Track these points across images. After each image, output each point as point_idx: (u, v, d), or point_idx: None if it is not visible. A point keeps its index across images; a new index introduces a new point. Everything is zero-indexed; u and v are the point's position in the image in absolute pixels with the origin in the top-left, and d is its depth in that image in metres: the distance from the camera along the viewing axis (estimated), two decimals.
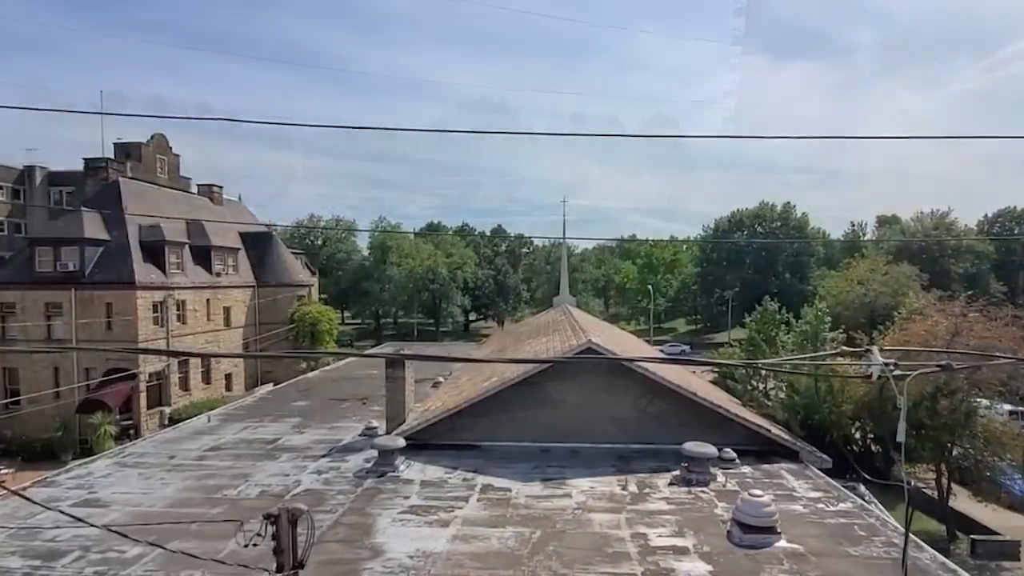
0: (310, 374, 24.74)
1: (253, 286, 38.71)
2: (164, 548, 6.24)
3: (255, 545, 4.48)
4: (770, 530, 7.79)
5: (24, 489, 10.86)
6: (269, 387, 22.89)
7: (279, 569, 4.62)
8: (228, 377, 35.85)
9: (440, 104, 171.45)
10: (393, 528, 8.45)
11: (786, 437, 11.99)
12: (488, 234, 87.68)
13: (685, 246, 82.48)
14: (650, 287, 73.19)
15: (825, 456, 11.49)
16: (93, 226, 29.56)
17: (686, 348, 63.92)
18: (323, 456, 11.98)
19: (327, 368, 26.13)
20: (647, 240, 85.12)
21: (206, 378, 33.82)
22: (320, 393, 19.11)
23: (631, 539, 8.10)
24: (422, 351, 29.70)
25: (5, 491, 10.73)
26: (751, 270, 72.18)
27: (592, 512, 9.02)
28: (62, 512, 7.39)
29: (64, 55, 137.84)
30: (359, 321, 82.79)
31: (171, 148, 45.18)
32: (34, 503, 8.11)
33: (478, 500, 9.51)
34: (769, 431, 11.88)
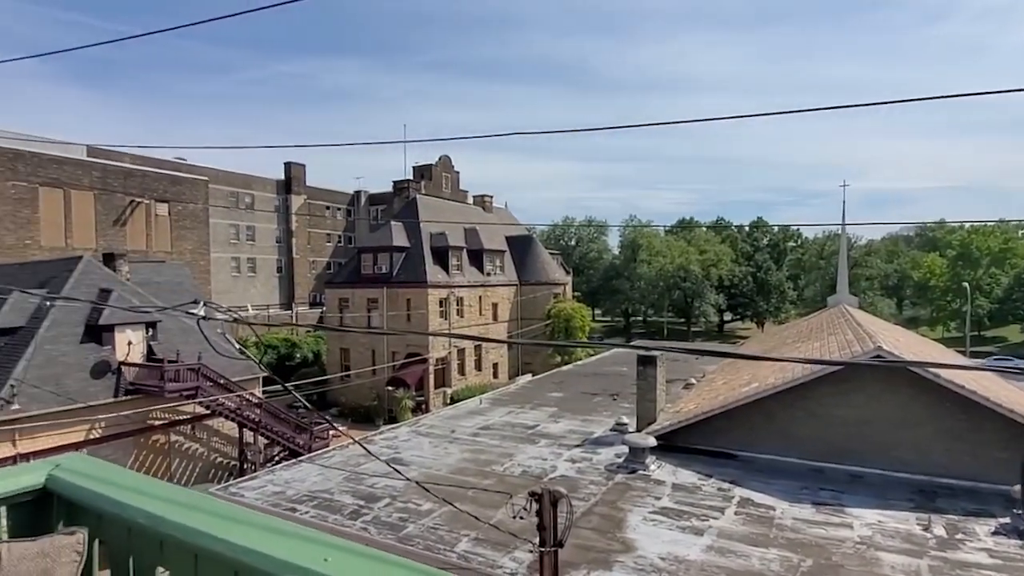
0: (564, 367, 26.18)
1: (516, 284, 42.67)
2: (454, 506, 7.25)
3: (521, 518, 4.93)
4: None
5: (350, 445, 13.89)
6: (528, 377, 24.93)
7: (542, 544, 4.98)
8: (495, 366, 40.24)
9: (706, 94, 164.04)
10: (644, 527, 8.42)
11: None
12: (747, 228, 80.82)
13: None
14: (966, 284, 58.20)
15: None
16: (399, 236, 36.18)
17: (1021, 363, 49.22)
18: (576, 446, 12.56)
19: (579, 363, 27.31)
20: (963, 225, 67.83)
21: (478, 366, 38.52)
22: (573, 386, 20.06)
23: None
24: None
25: (342, 444, 13.83)
26: None
27: (881, 551, 7.63)
28: (388, 464, 9.11)
29: (373, 99, 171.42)
30: (609, 319, 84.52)
31: (453, 166, 52.68)
32: (372, 455, 10.15)
33: (735, 513, 8.86)
34: None
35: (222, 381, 21.23)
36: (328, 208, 61.91)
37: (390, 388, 32.64)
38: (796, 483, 9.95)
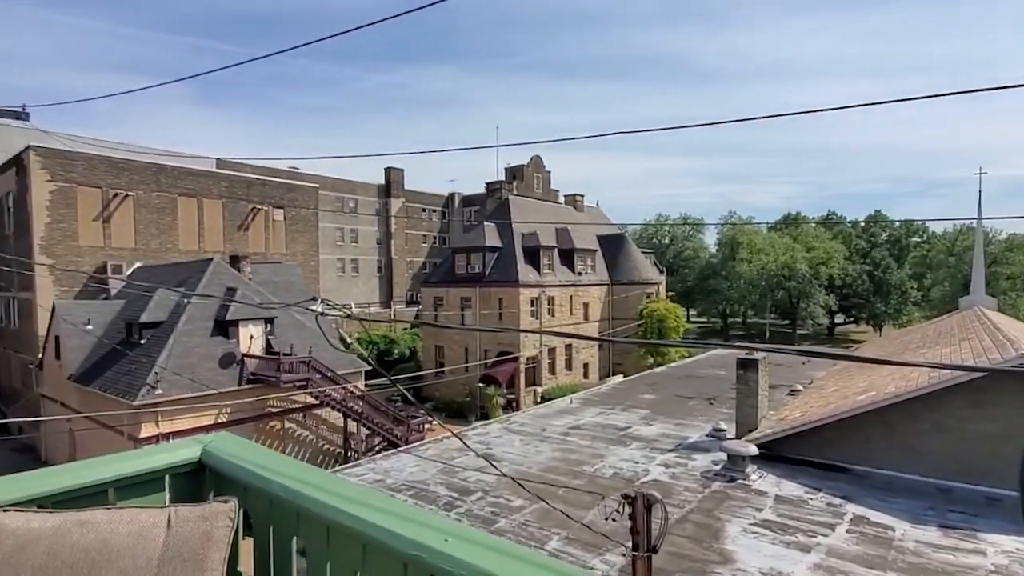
0: (657, 369, 25.50)
1: (607, 284, 42.12)
2: (547, 503, 7.34)
3: (613, 520, 4.91)
4: None
5: (445, 439, 14.40)
6: (619, 378, 24.55)
7: (635, 548, 4.93)
8: (585, 366, 39.97)
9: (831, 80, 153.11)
10: (744, 539, 8.05)
11: None
12: (862, 222, 74.36)
13: None
14: None
15: None
16: (491, 236, 36.94)
17: None
18: (670, 451, 12.22)
19: (673, 365, 26.48)
20: None
21: (568, 365, 38.45)
22: (666, 388, 19.51)
23: None
24: (776, 354, 27.18)
25: (437, 437, 14.37)
26: None
27: None
28: (486, 459, 9.39)
29: (466, 103, 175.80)
30: (705, 320, 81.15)
31: (544, 166, 52.95)
32: (471, 450, 10.49)
33: (848, 532, 8.23)
34: None
35: (329, 374, 22.78)
36: (424, 210, 64.44)
37: (482, 385, 33.42)
38: (920, 503, 9.07)
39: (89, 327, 22.88)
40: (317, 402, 22.70)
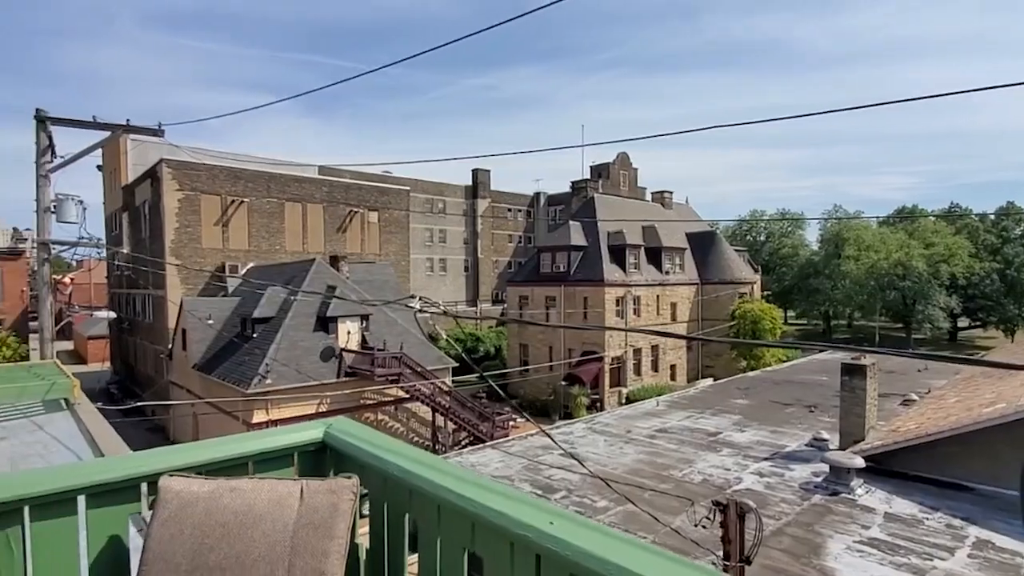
0: (751, 373, 24.32)
1: (696, 283, 40.67)
2: (635, 505, 7.29)
3: (703, 527, 4.81)
4: None
5: (529, 436, 14.57)
6: (709, 381, 23.66)
7: (726, 557, 4.81)
8: (672, 368, 38.83)
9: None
10: (848, 557, 7.55)
11: None
12: (991, 215, 66.59)
13: None
14: None
15: None
16: (576, 235, 36.83)
17: None
18: (765, 459, 11.66)
19: (769, 369, 25.13)
20: None
21: (655, 367, 37.54)
22: (761, 393, 18.58)
23: None
24: (887, 361, 25.02)
25: (521, 435, 14.58)
26: None
27: None
28: (574, 457, 9.48)
29: (551, 102, 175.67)
30: (804, 322, 76.16)
31: (631, 164, 52.03)
32: (559, 447, 10.62)
33: (969, 556, 7.50)
34: None
35: (419, 369, 23.73)
36: (510, 210, 65.32)
37: (565, 384, 33.41)
38: None
39: (210, 321, 25.31)
40: (407, 396, 23.72)
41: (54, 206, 12.10)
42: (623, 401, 33.45)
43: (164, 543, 1.51)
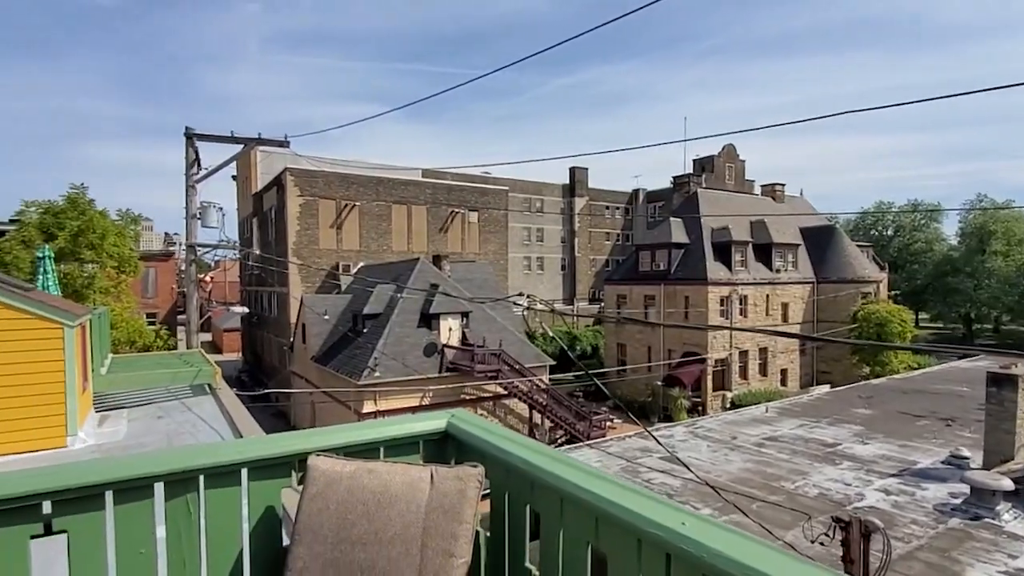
0: (875, 380, 22.26)
1: (812, 282, 37.83)
2: (745, 514, 7.00)
3: (821, 544, 4.53)
4: None
5: (627, 438, 14.33)
6: (826, 388, 21.95)
7: None
8: (783, 372, 36.40)
9: None
10: None
11: None
12: None
13: None
14: None
15: None
16: (678, 232, 35.61)
17: None
18: (892, 475, 10.67)
19: (897, 376, 22.87)
20: None
21: (763, 370, 35.40)
22: (887, 403, 16.98)
23: None
24: None
25: (619, 435, 14.40)
26: None
27: None
28: (680, 462, 9.29)
29: (649, 96, 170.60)
30: (940, 325, 68.23)
31: (738, 155, 49.44)
32: (667, 451, 10.46)
33: None
34: None
35: (517, 366, 24.12)
36: (607, 208, 64.42)
37: (664, 385, 32.46)
38: None
39: (326, 317, 27.34)
40: (505, 392, 24.19)
41: (199, 213, 13.68)
42: (727, 406, 31.92)
43: (313, 516, 1.71)
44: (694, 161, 49.35)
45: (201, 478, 1.78)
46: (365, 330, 24.88)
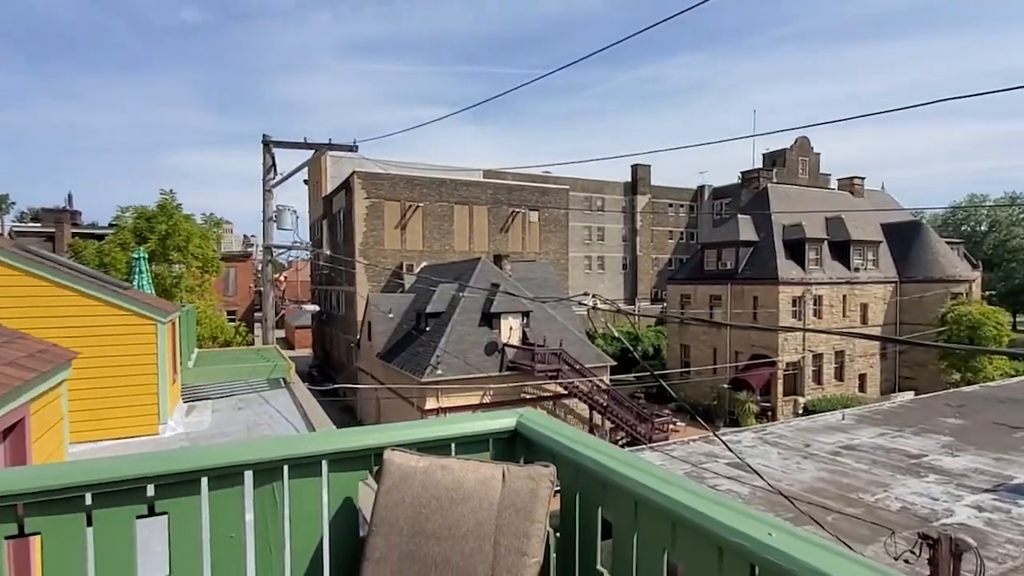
0: (966, 388, 20.61)
1: (894, 282, 35.46)
2: (823, 527, 6.67)
3: (906, 562, 4.26)
4: None
5: (691, 442, 13.93)
6: (910, 395, 20.53)
7: None
8: (862, 377, 34.32)
9: None
10: None
11: None
12: None
13: None
14: None
15: None
16: (746, 230, 34.28)
17: None
18: (985, 491, 9.86)
19: (992, 384, 21.09)
20: None
21: (839, 375, 33.52)
22: (980, 412, 15.68)
23: None
24: None
25: (682, 439, 14.03)
26: None
27: None
28: (751, 469, 9.00)
29: (715, 89, 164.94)
30: None
31: (812, 148, 47.06)
32: (737, 457, 10.18)
33: None
34: None
35: (577, 366, 23.97)
36: (671, 205, 62.84)
37: (731, 388, 31.33)
38: None
39: (391, 315, 28.16)
40: (566, 392, 24.09)
41: (275, 216, 14.44)
42: (799, 411, 30.45)
43: (389, 509, 1.78)
44: (764, 155, 47.40)
45: (285, 468, 1.88)
46: (428, 328, 25.44)
